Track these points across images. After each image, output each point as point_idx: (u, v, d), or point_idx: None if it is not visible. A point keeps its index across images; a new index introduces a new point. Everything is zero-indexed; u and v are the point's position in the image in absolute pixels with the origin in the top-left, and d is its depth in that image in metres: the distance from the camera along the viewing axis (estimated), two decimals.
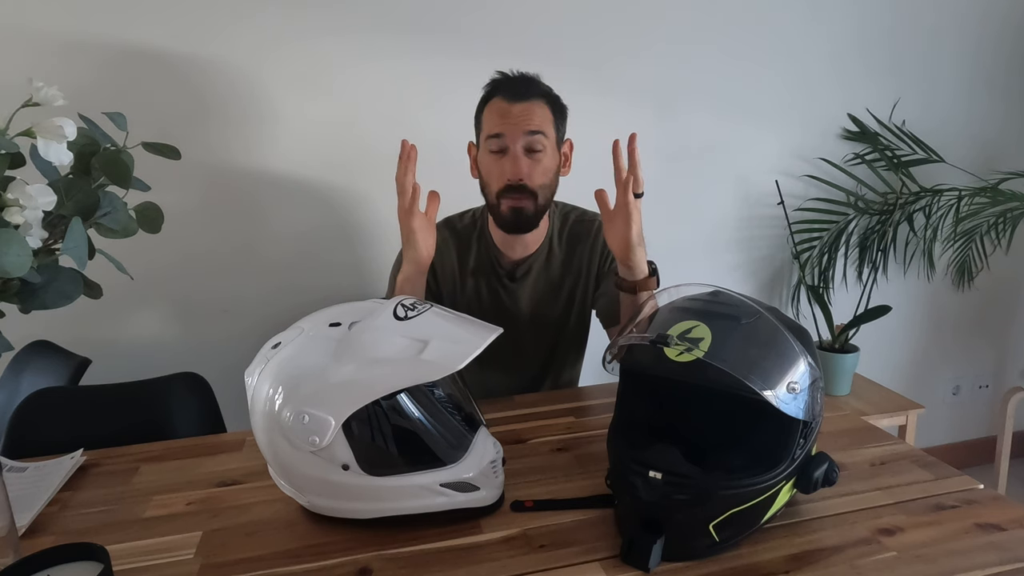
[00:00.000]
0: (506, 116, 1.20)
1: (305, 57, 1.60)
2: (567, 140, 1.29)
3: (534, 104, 1.21)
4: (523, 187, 1.21)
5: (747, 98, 1.94)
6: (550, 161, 1.24)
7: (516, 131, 1.19)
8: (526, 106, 1.20)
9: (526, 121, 1.19)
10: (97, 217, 0.79)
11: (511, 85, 1.23)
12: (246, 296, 1.70)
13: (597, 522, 0.82)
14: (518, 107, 1.20)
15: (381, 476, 0.78)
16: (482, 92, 1.27)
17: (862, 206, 2.06)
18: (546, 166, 1.23)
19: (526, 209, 1.23)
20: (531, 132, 1.20)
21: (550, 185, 1.25)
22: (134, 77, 1.52)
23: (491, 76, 1.27)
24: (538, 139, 1.20)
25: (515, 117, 1.20)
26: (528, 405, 1.18)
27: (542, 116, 1.21)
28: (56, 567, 0.64)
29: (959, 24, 2.07)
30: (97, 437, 1.08)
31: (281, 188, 1.67)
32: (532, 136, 1.20)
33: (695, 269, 2.00)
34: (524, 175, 1.20)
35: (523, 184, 1.21)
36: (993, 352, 2.45)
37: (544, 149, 1.21)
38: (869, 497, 0.86)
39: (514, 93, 1.21)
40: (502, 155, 1.21)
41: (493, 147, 1.22)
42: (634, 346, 0.82)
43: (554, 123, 1.24)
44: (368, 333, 0.79)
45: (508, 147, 1.20)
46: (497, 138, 1.21)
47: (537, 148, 1.20)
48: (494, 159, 1.22)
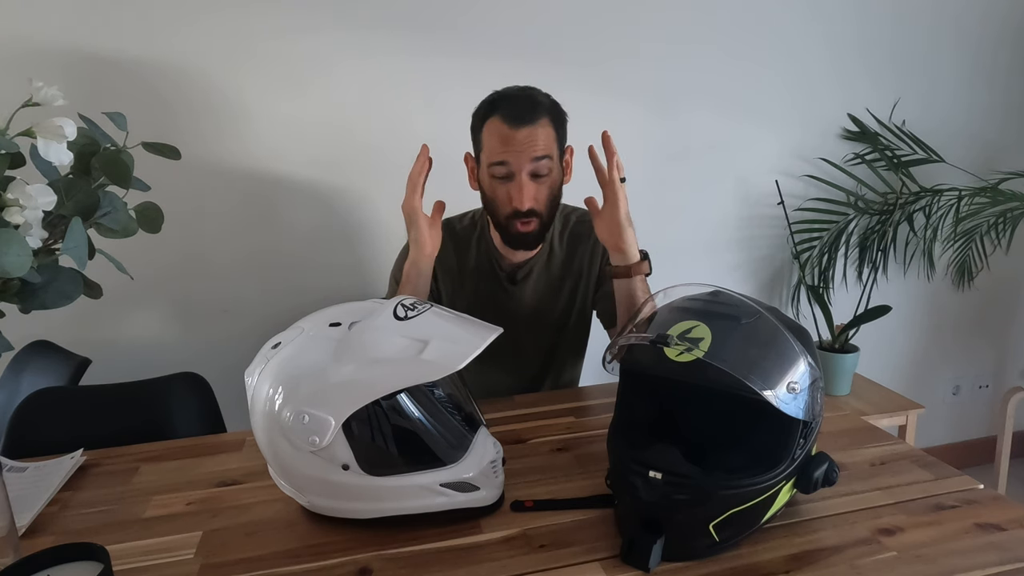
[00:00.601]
0: (509, 143, 1.16)
1: (305, 57, 1.60)
2: (568, 147, 1.26)
3: (538, 128, 1.16)
4: (532, 212, 1.19)
5: (747, 98, 1.94)
6: (556, 179, 1.22)
7: (522, 159, 1.16)
8: (530, 131, 1.15)
9: (531, 148, 1.16)
10: (97, 217, 0.79)
11: (512, 107, 1.17)
12: (246, 296, 1.70)
13: (597, 522, 0.82)
14: (522, 132, 1.15)
15: (381, 476, 0.78)
16: (479, 108, 1.23)
17: (862, 206, 2.06)
18: (553, 186, 1.22)
19: (531, 232, 1.22)
20: (537, 159, 1.17)
21: (555, 201, 1.24)
22: (134, 77, 1.52)
23: (490, 88, 1.24)
24: (544, 164, 1.17)
25: (520, 144, 1.15)
26: (528, 405, 1.18)
27: (547, 139, 1.18)
28: (56, 567, 0.64)
29: (959, 24, 2.07)
30: (97, 437, 1.08)
31: (281, 188, 1.67)
32: (538, 162, 1.17)
33: (695, 269, 2.00)
34: (532, 202, 1.19)
35: (532, 209, 1.19)
36: (993, 352, 2.45)
37: (550, 172, 1.19)
38: (869, 497, 0.86)
39: (516, 117, 1.16)
40: (507, 180, 1.19)
41: (497, 173, 1.19)
42: (634, 346, 0.82)
43: (557, 140, 1.21)
44: (368, 333, 0.79)
45: (514, 174, 1.17)
46: (502, 165, 1.17)
47: (543, 173, 1.18)
48: (499, 183, 1.20)
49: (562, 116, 1.23)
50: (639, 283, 1.16)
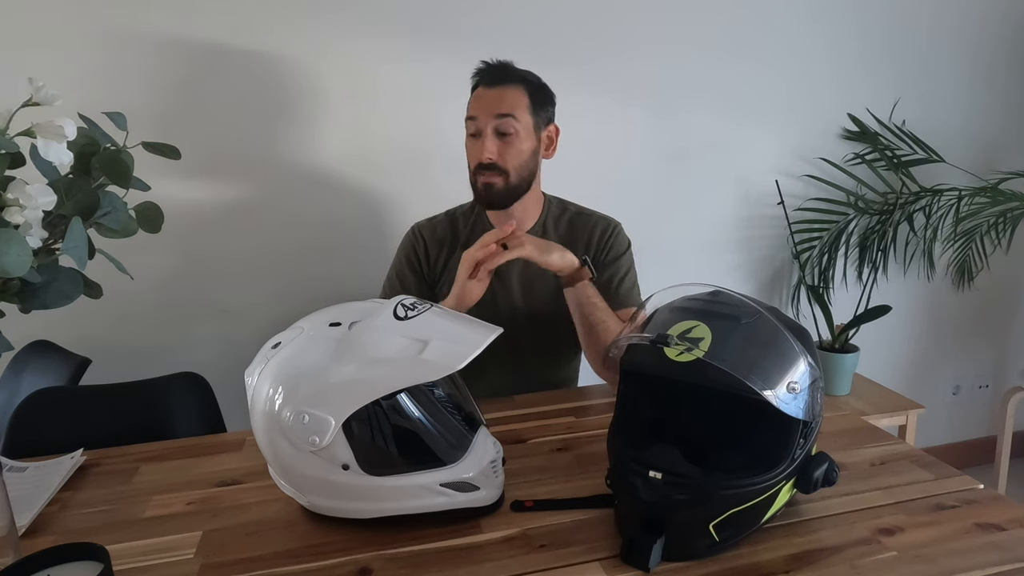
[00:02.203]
0: (480, 100, 1.28)
1: (321, 57, 1.60)
2: (552, 125, 1.34)
3: (508, 89, 1.27)
4: (494, 165, 1.27)
5: (747, 98, 1.94)
6: (524, 143, 1.28)
7: (487, 114, 1.26)
8: (499, 91, 1.27)
9: (496, 105, 1.26)
10: (97, 217, 0.79)
11: (488, 72, 1.30)
12: (246, 296, 1.70)
13: (597, 522, 0.82)
14: (492, 92, 1.27)
15: (381, 476, 0.78)
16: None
17: (862, 206, 2.06)
18: (519, 148, 1.28)
19: (495, 185, 1.28)
20: (501, 115, 1.25)
21: (525, 165, 1.30)
22: (134, 76, 1.52)
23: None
24: (508, 122, 1.26)
25: (487, 101, 1.27)
26: (528, 405, 1.19)
27: (514, 99, 1.27)
28: (56, 567, 0.64)
29: (959, 24, 2.07)
30: (97, 437, 1.07)
31: (281, 188, 1.67)
32: (502, 119, 1.25)
33: (695, 269, 2.00)
34: (493, 155, 1.26)
35: (494, 163, 1.27)
36: (993, 352, 2.45)
37: (516, 132, 1.27)
38: (869, 497, 0.86)
39: (490, 79, 1.29)
40: (476, 137, 1.28)
41: (470, 129, 1.29)
42: (634, 346, 0.82)
43: (530, 107, 1.28)
44: (368, 333, 0.79)
45: (481, 129, 1.27)
46: (472, 120, 1.28)
47: (508, 131, 1.26)
48: (471, 141, 1.30)
49: (541, 90, 1.32)
50: (585, 289, 1.22)
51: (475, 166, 1.29)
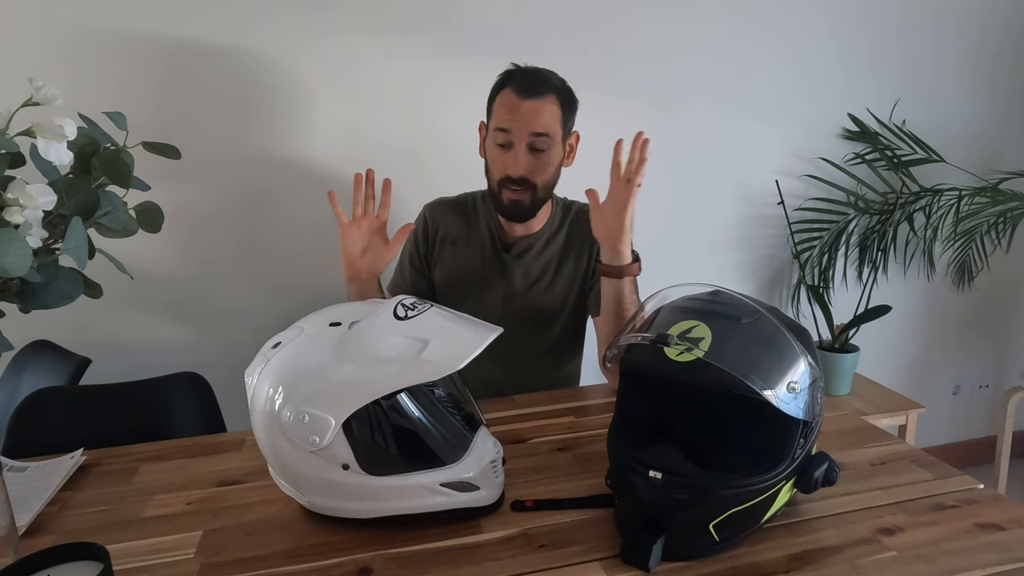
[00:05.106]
0: (515, 112, 1.22)
1: (315, 54, 1.60)
2: (573, 132, 1.31)
3: (544, 102, 1.22)
4: (524, 181, 1.24)
5: (747, 98, 1.94)
6: (554, 156, 1.26)
7: (523, 130, 1.22)
8: (535, 105, 1.21)
9: (534, 121, 1.21)
10: (97, 217, 0.79)
11: (523, 80, 1.24)
12: (246, 296, 1.70)
13: (597, 522, 0.82)
14: (528, 105, 1.21)
15: (381, 476, 0.78)
16: (497, 80, 1.29)
17: (862, 206, 2.06)
18: (549, 162, 1.26)
19: (523, 202, 1.27)
20: (537, 134, 1.22)
21: (552, 178, 1.29)
22: (134, 76, 1.52)
23: (505, 67, 1.29)
24: (543, 140, 1.23)
25: (523, 115, 1.21)
26: (528, 405, 1.18)
27: (550, 115, 1.23)
28: (56, 567, 0.64)
29: (960, 24, 2.07)
30: (97, 437, 1.07)
31: (281, 188, 1.67)
32: (538, 137, 1.22)
33: (695, 269, 2.00)
34: (526, 173, 1.24)
35: (524, 178, 1.24)
36: (993, 352, 2.45)
37: (548, 148, 1.24)
38: (869, 497, 0.86)
39: (525, 89, 1.22)
40: (506, 149, 1.24)
41: (499, 140, 1.24)
42: (634, 346, 0.82)
43: (562, 120, 1.25)
44: (368, 333, 0.79)
45: (513, 143, 1.22)
46: (503, 132, 1.23)
47: (541, 148, 1.23)
48: (499, 151, 1.25)
49: (571, 100, 1.28)
50: (628, 284, 1.19)
51: (502, 177, 1.25)
